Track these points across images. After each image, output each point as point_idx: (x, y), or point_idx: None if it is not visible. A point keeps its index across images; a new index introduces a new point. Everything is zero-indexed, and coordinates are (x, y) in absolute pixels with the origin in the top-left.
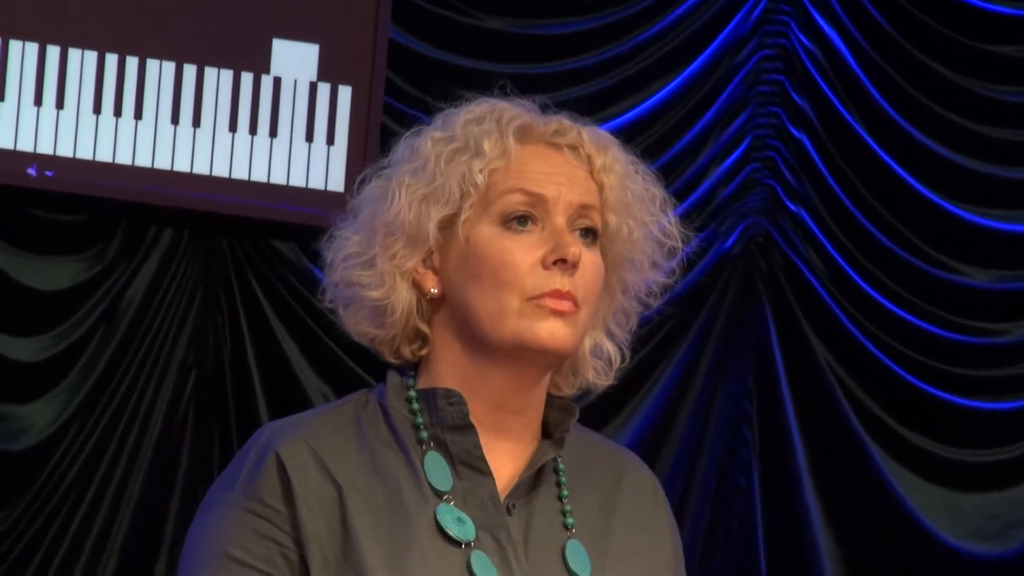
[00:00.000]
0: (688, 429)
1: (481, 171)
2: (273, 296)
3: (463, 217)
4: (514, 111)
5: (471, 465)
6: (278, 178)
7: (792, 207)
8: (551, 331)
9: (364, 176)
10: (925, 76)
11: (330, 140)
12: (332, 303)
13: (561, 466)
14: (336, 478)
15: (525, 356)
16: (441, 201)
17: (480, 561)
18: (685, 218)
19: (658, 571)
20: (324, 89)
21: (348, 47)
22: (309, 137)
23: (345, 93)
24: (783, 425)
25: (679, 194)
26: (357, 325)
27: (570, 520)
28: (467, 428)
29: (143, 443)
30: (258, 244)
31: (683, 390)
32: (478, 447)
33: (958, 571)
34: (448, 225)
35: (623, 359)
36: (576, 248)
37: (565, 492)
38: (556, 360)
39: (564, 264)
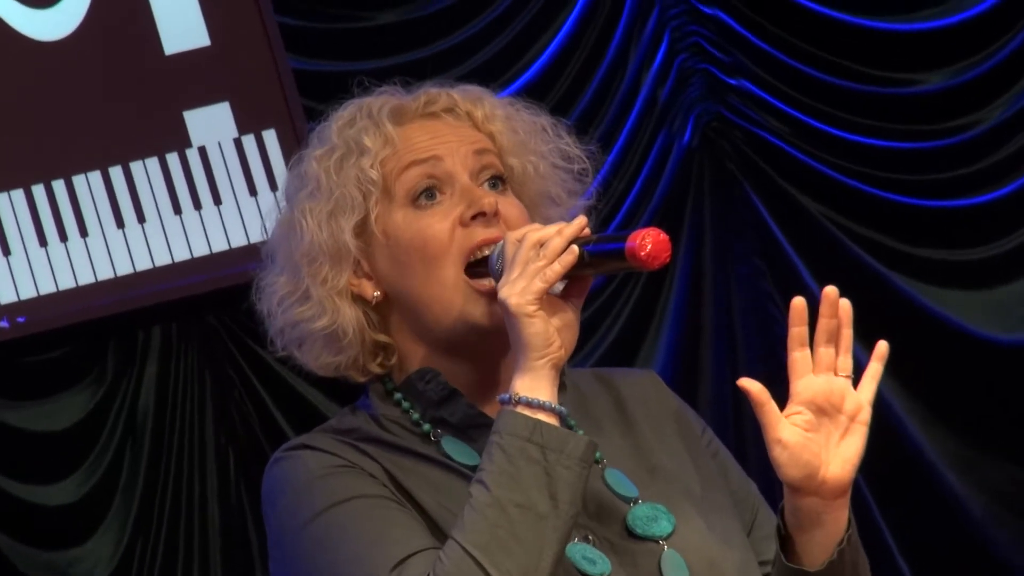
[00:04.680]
0: (716, 331)
1: (372, 166)
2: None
3: (373, 215)
4: (381, 99)
5: (477, 425)
6: (238, 240)
7: (732, 82)
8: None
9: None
10: None
11: (272, 186)
12: (284, 349)
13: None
14: (376, 459)
15: (484, 336)
16: (347, 210)
17: None
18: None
19: (697, 455)
20: (249, 141)
21: (257, 92)
22: (252, 191)
23: (270, 137)
24: (805, 290)
25: (622, 108)
26: (317, 359)
27: (597, 454)
28: (453, 394)
29: (209, 534)
30: (245, 309)
31: (696, 294)
32: (471, 405)
33: (1020, 368)
34: (363, 230)
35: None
36: (490, 198)
37: (580, 431)
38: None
39: (484, 217)
